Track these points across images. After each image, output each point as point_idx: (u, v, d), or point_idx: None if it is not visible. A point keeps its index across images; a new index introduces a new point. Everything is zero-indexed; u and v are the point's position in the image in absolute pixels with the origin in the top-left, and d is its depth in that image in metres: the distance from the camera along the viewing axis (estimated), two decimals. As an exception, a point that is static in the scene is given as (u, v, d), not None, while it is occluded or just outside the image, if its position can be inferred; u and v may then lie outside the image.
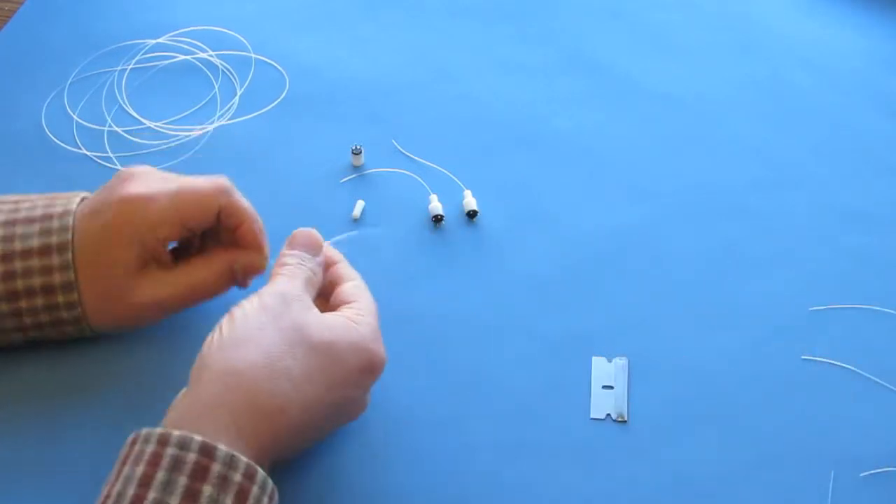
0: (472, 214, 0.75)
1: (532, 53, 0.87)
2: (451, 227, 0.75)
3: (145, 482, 0.49)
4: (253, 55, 0.85)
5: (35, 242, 0.61)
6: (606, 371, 0.66)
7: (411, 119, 0.81)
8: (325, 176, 0.77)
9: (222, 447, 0.50)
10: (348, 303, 0.60)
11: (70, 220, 0.62)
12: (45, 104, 0.82)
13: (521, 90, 0.84)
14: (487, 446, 0.63)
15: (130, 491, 0.49)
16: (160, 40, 0.86)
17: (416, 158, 0.78)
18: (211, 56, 0.85)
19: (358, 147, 0.77)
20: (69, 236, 0.61)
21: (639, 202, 0.76)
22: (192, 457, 0.49)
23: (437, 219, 0.74)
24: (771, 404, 0.65)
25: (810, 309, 0.70)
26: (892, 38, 0.89)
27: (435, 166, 0.78)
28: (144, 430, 0.51)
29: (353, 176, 0.77)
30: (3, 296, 0.61)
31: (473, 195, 0.75)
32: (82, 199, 0.64)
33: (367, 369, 0.57)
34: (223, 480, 0.49)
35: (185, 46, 0.85)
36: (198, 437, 0.50)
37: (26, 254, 0.61)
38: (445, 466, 0.62)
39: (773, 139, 0.81)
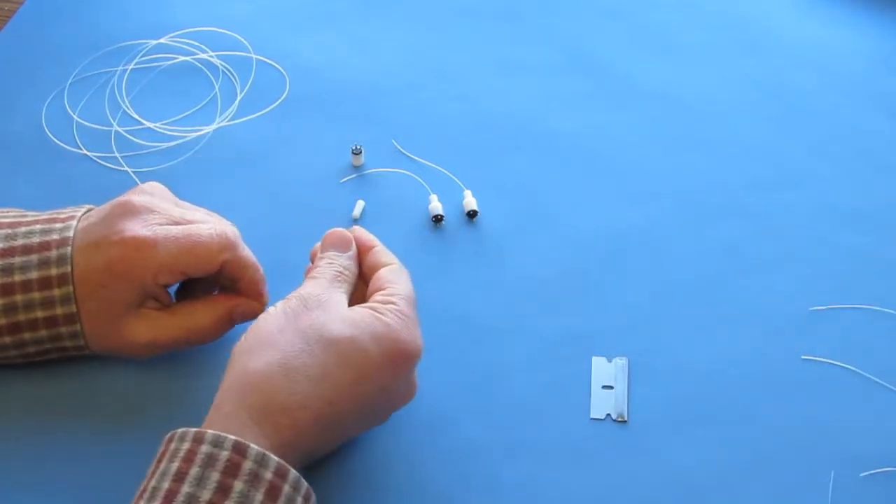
0: (472, 214, 0.75)
1: (532, 53, 0.87)
2: (451, 227, 0.75)
3: (179, 477, 0.51)
4: (253, 56, 0.85)
5: (34, 274, 0.61)
6: (606, 371, 0.67)
7: (411, 119, 0.81)
8: (326, 176, 0.77)
9: (254, 446, 0.52)
10: (382, 289, 0.60)
11: (68, 251, 0.61)
12: (46, 104, 0.81)
13: (521, 90, 0.84)
14: (487, 446, 0.63)
15: (165, 485, 0.51)
16: (161, 41, 0.86)
17: (416, 158, 0.78)
18: (211, 56, 0.85)
19: (358, 147, 0.77)
20: (69, 268, 0.61)
21: (639, 202, 0.76)
22: (224, 454, 0.51)
23: (437, 219, 0.74)
24: (771, 404, 0.65)
25: (810, 309, 0.70)
26: (892, 38, 0.89)
27: (435, 166, 0.78)
28: (181, 430, 0.53)
29: (354, 176, 0.78)
30: (5, 328, 0.61)
31: (473, 195, 0.75)
32: (79, 219, 0.63)
33: (397, 358, 0.57)
34: (254, 477, 0.51)
35: (186, 47, 0.85)
36: (231, 437, 0.51)
37: (26, 286, 0.61)
38: (445, 466, 0.62)
39: (773, 139, 0.81)
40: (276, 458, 0.52)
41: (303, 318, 0.56)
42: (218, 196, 0.74)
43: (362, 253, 0.63)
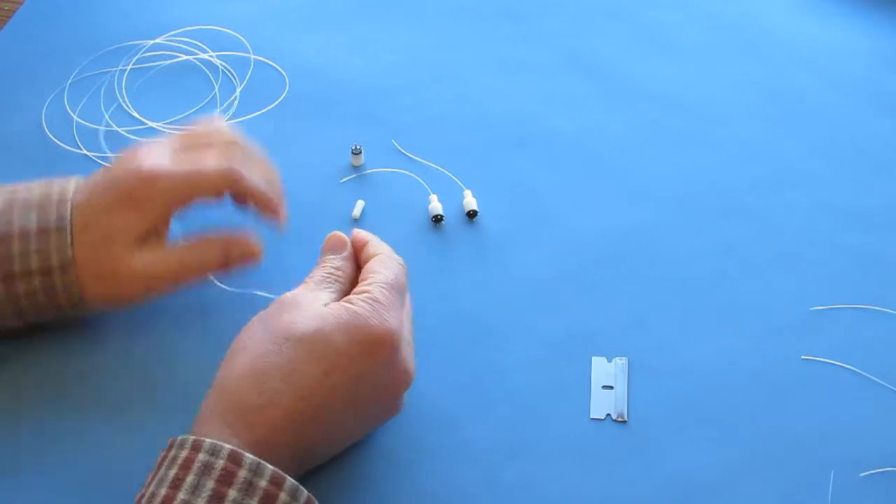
0: (472, 214, 0.75)
1: (532, 53, 0.87)
2: (450, 227, 0.75)
3: (176, 484, 0.51)
4: (252, 55, 0.85)
5: (34, 222, 0.62)
6: (606, 371, 0.67)
7: (411, 119, 0.81)
8: (325, 176, 0.77)
9: (250, 455, 0.52)
10: (364, 279, 0.60)
11: (69, 200, 0.63)
12: (45, 104, 0.82)
13: (521, 90, 0.84)
14: (487, 446, 0.63)
15: (162, 491, 0.51)
16: (160, 40, 0.86)
17: (415, 158, 0.78)
18: (211, 56, 0.85)
19: (358, 147, 0.77)
20: (67, 216, 0.63)
21: (639, 202, 0.76)
22: (220, 463, 0.52)
23: (437, 219, 0.74)
24: (771, 404, 0.65)
25: (810, 309, 0.70)
26: (892, 37, 0.89)
27: (435, 166, 0.78)
28: (180, 437, 0.54)
29: (353, 176, 0.78)
30: None
31: (473, 195, 0.75)
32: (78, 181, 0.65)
33: (366, 345, 0.56)
34: (248, 486, 0.52)
35: (185, 46, 0.86)
36: (228, 446, 0.52)
37: (24, 235, 0.62)
38: (444, 466, 0.62)
39: (773, 139, 0.81)
40: (271, 467, 0.52)
41: (274, 321, 0.57)
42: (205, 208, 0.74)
43: (358, 251, 0.63)
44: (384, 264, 0.61)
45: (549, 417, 0.64)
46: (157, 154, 0.66)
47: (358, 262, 0.63)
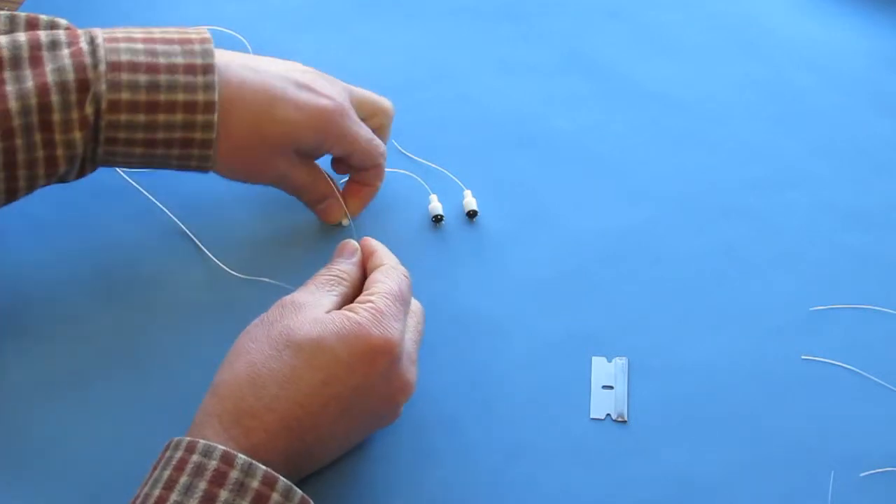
0: (472, 214, 0.75)
1: (532, 53, 0.87)
2: (450, 227, 0.75)
3: (169, 485, 0.52)
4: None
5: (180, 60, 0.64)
6: (606, 371, 0.67)
7: (411, 119, 0.81)
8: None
9: (242, 456, 0.52)
10: (368, 289, 0.60)
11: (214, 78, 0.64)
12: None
13: (521, 90, 0.84)
14: (487, 446, 0.63)
15: (156, 492, 0.52)
16: (160, 40, 0.85)
17: (415, 158, 0.78)
18: (211, 56, 0.84)
19: (358, 147, 0.77)
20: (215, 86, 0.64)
21: (639, 203, 0.76)
22: (212, 464, 0.52)
23: (437, 219, 0.74)
24: (771, 404, 0.65)
25: (810, 309, 0.70)
26: (892, 37, 0.88)
27: (435, 166, 0.78)
28: (176, 439, 0.54)
29: (354, 176, 0.78)
30: (143, 105, 0.63)
31: (473, 195, 0.75)
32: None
33: (365, 356, 0.56)
34: (240, 486, 0.52)
35: (185, 46, 0.85)
36: (220, 447, 0.52)
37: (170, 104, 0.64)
38: (444, 466, 0.62)
39: (773, 139, 0.81)
40: (263, 468, 0.52)
41: (275, 326, 0.57)
42: (217, 197, 0.74)
43: (365, 260, 0.64)
44: (388, 275, 0.61)
45: (549, 417, 0.64)
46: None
47: (364, 271, 0.63)
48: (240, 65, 0.66)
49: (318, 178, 0.71)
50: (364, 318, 0.57)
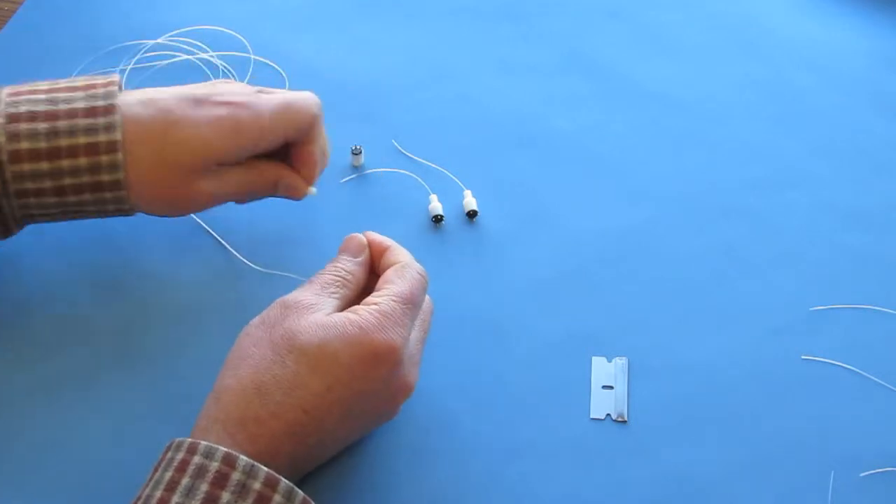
0: (472, 214, 0.75)
1: (532, 53, 0.87)
2: (450, 227, 0.75)
3: (171, 487, 0.52)
4: (252, 55, 0.85)
5: (81, 139, 0.63)
6: (606, 371, 0.67)
7: (411, 119, 0.81)
8: (325, 176, 0.76)
9: (244, 458, 0.52)
10: (379, 290, 0.59)
11: (116, 99, 0.64)
12: (45, 104, 0.81)
13: (521, 90, 0.84)
14: (486, 446, 0.63)
15: (157, 494, 0.52)
16: (160, 40, 0.85)
17: (416, 158, 0.78)
18: (211, 56, 0.85)
19: (358, 147, 0.77)
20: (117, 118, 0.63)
21: (639, 203, 0.76)
22: (214, 465, 0.52)
23: (437, 219, 0.74)
24: (771, 404, 0.65)
25: (810, 309, 0.70)
26: (892, 37, 0.88)
27: (435, 166, 0.78)
28: (177, 440, 0.54)
29: (353, 176, 0.78)
30: (44, 152, 0.62)
31: (473, 195, 0.75)
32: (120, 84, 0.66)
33: (369, 360, 0.56)
34: (241, 488, 0.51)
35: (185, 46, 0.85)
36: (222, 448, 0.52)
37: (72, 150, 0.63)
38: (444, 466, 0.62)
39: (774, 139, 0.81)
40: (265, 469, 0.52)
41: (277, 329, 0.57)
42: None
43: (376, 257, 0.63)
44: (401, 275, 0.60)
45: (548, 417, 0.64)
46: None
47: (374, 268, 0.63)
48: (135, 101, 0.65)
49: (258, 168, 0.68)
50: (368, 323, 0.56)
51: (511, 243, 0.73)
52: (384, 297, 0.58)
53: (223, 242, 0.72)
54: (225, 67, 0.84)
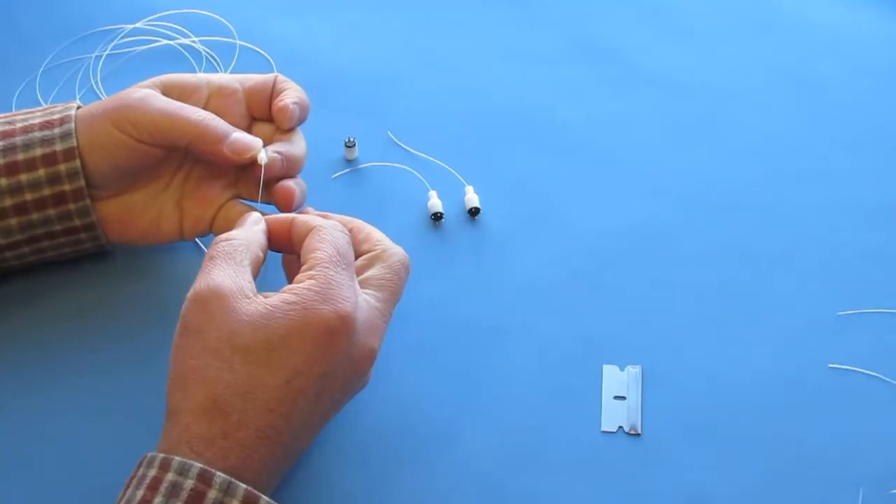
0: (473, 212, 0.75)
1: (538, 39, 0.87)
2: (451, 225, 0.75)
3: None
4: (238, 41, 0.85)
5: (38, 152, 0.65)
6: (618, 380, 0.66)
7: (409, 109, 0.81)
8: (317, 170, 0.76)
9: (221, 474, 0.52)
10: (305, 263, 0.59)
11: (72, 126, 0.65)
12: (17, 93, 0.81)
13: (526, 79, 0.84)
14: (490, 460, 0.63)
15: None
16: (139, 24, 0.85)
17: (413, 152, 0.78)
18: (193, 41, 0.85)
19: (351, 140, 0.77)
20: (74, 142, 0.65)
21: (652, 199, 0.76)
22: (189, 483, 0.52)
23: (437, 217, 0.74)
24: (795, 416, 0.65)
25: (838, 313, 0.70)
26: (923, 22, 0.89)
27: (434, 160, 0.78)
28: (149, 455, 0.54)
29: (347, 171, 0.78)
30: (11, 209, 0.64)
31: (475, 191, 0.75)
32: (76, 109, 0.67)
33: (322, 338, 0.56)
34: None
35: (166, 31, 0.85)
36: (197, 464, 0.52)
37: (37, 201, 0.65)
38: (444, 481, 0.62)
39: (797, 131, 0.81)
40: (243, 486, 0.52)
41: (208, 332, 0.56)
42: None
43: (290, 231, 0.62)
44: (321, 238, 0.59)
45: (556, 430, 0.64)
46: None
47: (292, 243, 0.62)
48: (85, 112, 0.67)
49: (197, 122, 0.66)
50: (308, 299, 0.56)
51: (515, 243, 0.74)
52: (313, 267, 0.58)
53: (201, 245, 0.73)
54: (208, 54, 0.84)
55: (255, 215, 0.63)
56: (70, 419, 0.65)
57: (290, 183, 0.68)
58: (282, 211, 0.68)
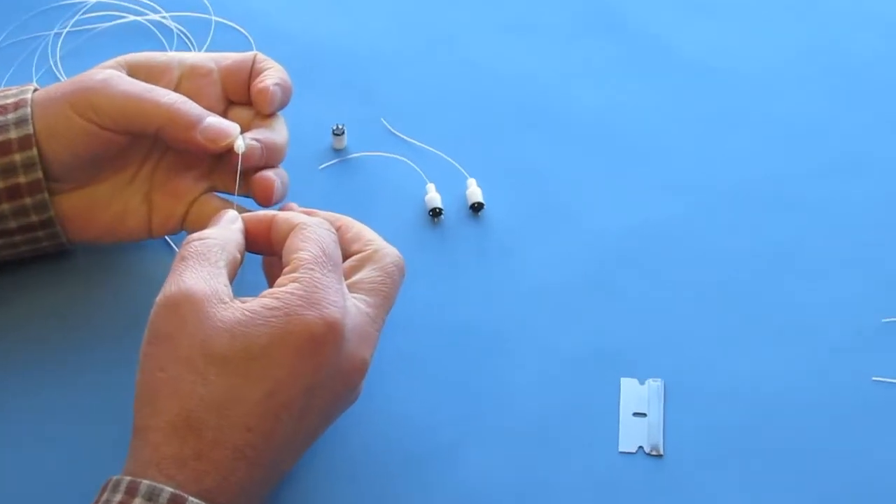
0: (476, 207, 0.74)
1: (548, 13, 0.87)
2: (451, 222, 0.74)
3: None
4: (213, 17, 0.85)
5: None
6: (638, 395, 0.66)
7: (404, 93, 0.81)
8: (301, 161, 0.76)
9: (194, 500, 0.52)
10: (287, 265, 0.59)
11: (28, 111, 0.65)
12: (-32, 74, 0.82)
13: (534, 57, 0.84)
14: (493, 484, 0.63)
15: None
16: (103, -2, 0.86)
17: (409, 140, 0.78)
18: (164, 17, 0.85)
19: (340, 127, 0.77)
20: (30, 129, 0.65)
21: (676, 194, 0.76)
22: None
23: (436, 212, 0.74)
24: (835, 435, 0.65)
25: (883, 320, 0.70)
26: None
27: (432, 150, 0.78)
28: (115, 478, 0.53)
29: (335, 161, 0.77)
30: None
31: (478, 185, 0.75)
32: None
33: (307, 347, 0.55)
34: None
35: (133, 6, 0.85)
36: (168, 488, 0.52)
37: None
38: (446, 505, 0.62)
39: (837, 117, 0.81)
40: None
41: (179, 340, 0.55)
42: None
43: (270, 230, 0.62)
44: (304, 237, 0.59)
45: (568, 451, 0.64)
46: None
47: (273, 244, 0.62)
48: (42, 96, 0.66)
49: (167, 105, 0.66)
50: (290, 304, 0.56)
51: (523, 242, 0.74)
52: (297, 270, 0.57)
53: (171, 244, 0.72)
54: (180, 31, 0.84)
55: (232, 213, 0.63)
56: (24, 443, 0.64)
57: (269, 174, 0.67)
58: (260, 205, 0.68)
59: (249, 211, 0.66)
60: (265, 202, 0.67)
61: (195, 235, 0.60)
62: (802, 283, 0.72)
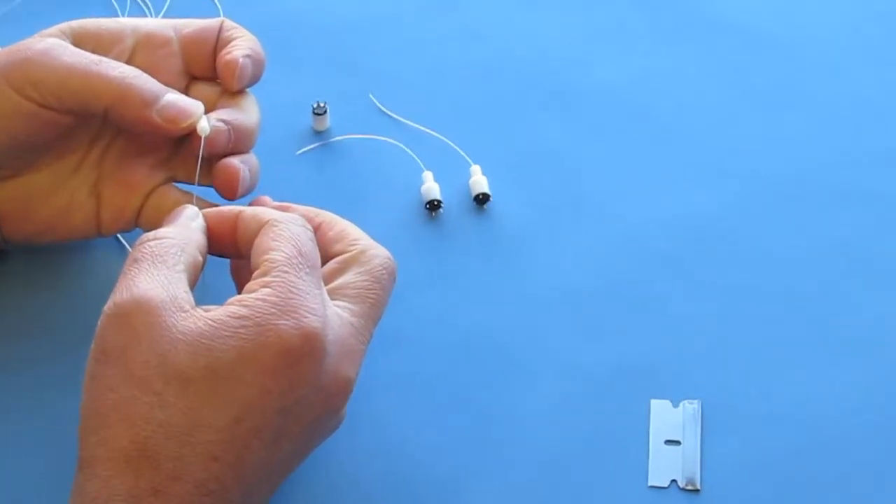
0: (481, 199, 0.75)
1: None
2: (452, 216, 0.75)
3: None
4: (173, -25, 0.85)
5: None
6: (671, 420, 0.67)
7: (396, 66, 0.82)
8: (277, 144, 0.77)
9: None
10: (258, 268, 0.59)
11: None
12: None
13: (548, 25, 0.84)
14: (504, 522, 0.62)
15: None
16: (43, -45, 0.86)
17: (402, 120, 0.79)
18: (115, -23, 0.85)
19: (321, 105, 0.78)
20: None
21: (718, 183, 0.77)
22: None
23: (433, 205, 0.75)
24: (902, 467, 0.65)
25: (964, 334, 0.70)
26: None
27: (429, 131, 0.78)
28: None
29: (316, 145, 0.78)
30: None
31: (483, 173, 0.76)
32: None
33: (281, 363, 0.55)
34: None
35: (78, -36, 0.85)
36: None
37: None
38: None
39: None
40: None
41: (132, 355, 0.55)
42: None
43: (235, 227, 0.63)
44: (276, 235, 0.59)
45: (590, 485, 0.64)
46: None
47: (240, 244, 0.63)
48: None
49: (118, 80, 0.67)
50: (262, 313, 0.56)
51: (535, 239, 0.74)
52: (269, 273, 0.58)
53: (124, 243, 0.73)
54: None
55: (192, 209, 0.63)
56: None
57: (235, 161, 0.68)
58: (224, 197, 0.68)
59: (214, 205, 0.66)
60: (230, 195, 0.68)
61: (150, 234, 0.60)
62: (870, 291, 0.72)
